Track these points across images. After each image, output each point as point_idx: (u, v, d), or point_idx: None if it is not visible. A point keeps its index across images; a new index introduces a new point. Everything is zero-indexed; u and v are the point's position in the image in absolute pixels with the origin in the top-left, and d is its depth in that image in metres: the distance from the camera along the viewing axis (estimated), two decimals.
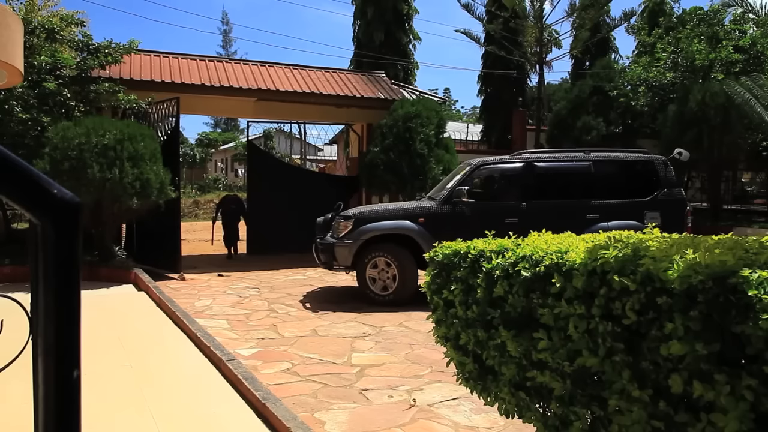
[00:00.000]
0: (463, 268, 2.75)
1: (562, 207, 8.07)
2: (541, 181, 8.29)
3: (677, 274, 1.75)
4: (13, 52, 2.58)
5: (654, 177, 8.15)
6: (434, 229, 7.75)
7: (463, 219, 7.97)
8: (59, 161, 8.43)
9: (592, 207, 8.02)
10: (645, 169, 8.27)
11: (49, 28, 10.10)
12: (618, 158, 8.57)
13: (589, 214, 7.91)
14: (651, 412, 1.87)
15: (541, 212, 7.90)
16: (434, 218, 8.00)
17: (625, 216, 7.85)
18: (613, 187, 8.19)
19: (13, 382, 1.61)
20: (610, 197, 8.10)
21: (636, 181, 8.26)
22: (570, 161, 8.53)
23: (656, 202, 8.01)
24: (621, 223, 7.36)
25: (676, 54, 16.89)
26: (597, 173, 8.24)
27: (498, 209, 8.11)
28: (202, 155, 42.90)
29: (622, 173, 8.41)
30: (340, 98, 13.45)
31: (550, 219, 7.47)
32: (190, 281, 9.54)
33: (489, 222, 7.70)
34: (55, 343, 0.75)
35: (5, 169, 0.72)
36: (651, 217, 7.76)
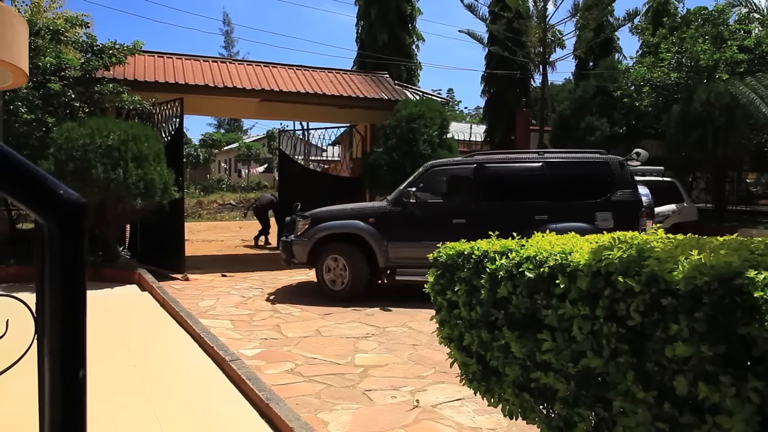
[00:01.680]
0: (467, 269, 2.75)
1: (510, 208, 8.06)
2: (492, 183, 8.32)
3: (682, 276, 1.74)
4: (18, 53, 2.59)
5: (609, 178, 8.00)
6: (384, 229, 8.16)
7: (412, 219, 8.18)
8: (64, 162, 8.46)
9: (541, 208, 7.96)
10: (599, 171, 8.14)
11: (53, 29, 10.13)
12: (571, 159, 8.48)
13: (537, 216, 7.85)
14: (656, 413, 1.86)
15: (489, 213, 7.87)
16: (383, 218, 8.29)
17: (574, 217, 7.77)
18: (565, 188, 8.09)
19: (17, 381, 1.61)
20: (561, 198, 8.03)
21: (590, 182, 8.10)
22: (521, 163, 8.54)
23: (608, 203, 7.87)
24: (569, 225, 7.19)
25: (681, 54, 16.85)
26: (549, 175, 8.18)
27: (446, 210, 8.23)
28: (205, 156, 42.95)
29: (575, 175, 8.26)
30: (343, 99, 13.45)
31: (498, 220, 7.57)
32: (193, 281, 9.55)
33: (437, 222, 8.09)
34: (61, 343, 0.76)
35: (11, 170, 0.72)
36: (602, 219, 7.73)
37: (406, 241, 8.14)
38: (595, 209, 7.84)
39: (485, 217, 7.71)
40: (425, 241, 7.63)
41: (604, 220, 7.68)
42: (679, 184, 13.14)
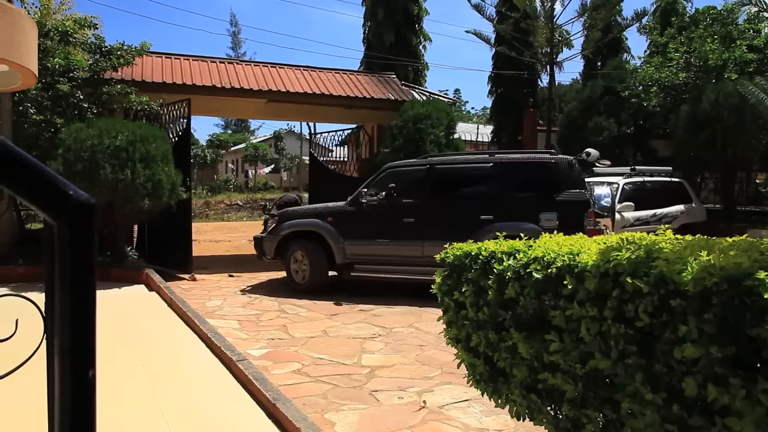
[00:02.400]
0: (474, 270, 2.75)
1: (457, 208, 8.25)
2: (441, 184, 8.48)
3: (691, 276, 1.73)
4: (27, 54, 2.60)
5: (556, 178, 7.97)
6: (341, 227, 8.66)
7: (366, 218, 8.57)
8: (72, 162, 8.50)
9: (486, 208, 8.02)
10: (547, 171, 8.13)
11: (62, 30, 10.19)
12: (519, 160, 8.55)
13: (482, 215, 7.95)
14: (664, 415, 1.85)
15: (436, 213, 8.23)
16: (341, 217, 8.76)
17: (519, 217, 7.80)
18: (512, 188, 8.15)
19: (26, 381, 1.62)
20: (507, 199, 8.08)
21: (537, 182, 8.11)
22: (471, 163, 8.70)
23: (553, 203, 7.82)
24: (512, 224, 7.37)
25: (689, 54, 16.76)
26: (497, 175, 8.28)
27: (398, 209, 8.46)
28: (212, 156, 43.09)
29: (523, 175, 8.30)
30: (350, 99, 13.46)
31: (444, 220, 8.10)
32: (201, 282, 9.58)
33: (389, 221, 8.42)
34: (71, 343, 0.76)
35: (22, 170, 0.73)
36: (546, 219, 7.68)
37: (361, 239, 8.57)
38: (539, 209, 7.81)
39: (432, 217, 8.19)
40: (378, 239, 8.56)
41: (548, 220, 7.61)
42: (688, 185, 13.07)
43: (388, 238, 8.47)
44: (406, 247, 8.33)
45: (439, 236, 7.57)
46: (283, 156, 42.78)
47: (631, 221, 11.15)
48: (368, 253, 8.53)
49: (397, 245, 8.41)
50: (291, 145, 43.56)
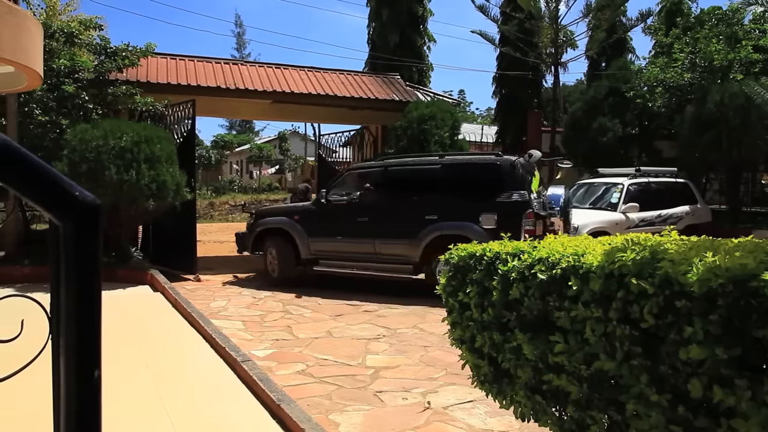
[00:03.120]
0: (479, 271, 2.74)
1: (405, 208, 8.56)
2: (394, 185, 8.84)
3: (696, 278, 1.73)
4: (33, 56, 2.61)
5: (499, 180, 8.08)
6: (305, 225, 9.26)
7: (327, 217, 9.17)
8: (77, 163, 8.53)
9: (432, 209, 8.27)
10: (491, 172, 8.25)
11: (68, 32, 10.23)
12: (465, 161, 8.72)
13: (427, 215, 8.23)
14: (670, 416, 1.85)
15: (387, 213, 8.66)
16: (305, 215, 9.41)
17: (461, 217, 8.04)
18: (457, 189, 8.29)
19: (31, 382, 1.63)
20: (451, 199, 8.26)
21: (481, 183, 8.20)
22: (421, 165, 8.98)
23: (494, 204, 7.93)
24: (454, 224, 7.94)
25: (694, 54, 16.70)
26: (443, 177, 8.46)
27: (353, 209, 8.96)
28: (217, 157, 43.16)
29: (467, 176, 8.42)
30: (354, 100, 13.47)
31: (393, 219, 8.59)
32: (205, 282, 9.60)
33: (345, 220, 8.97)
34: (76, 343, 0.76)
35: (28, 171, 0.73)
36: (486, 219, 7.86)
37: (323, 236, 9.13)
38: (480, 210, 7.95)
39: (383, 216, 8.65)
40: (338, 236, 9.04)
41: (488, 221, 7.83)
42: (693, 186, 13.03)
43: (346, 236, 8.97)
44: (362, 245, 8.79)
45: (388, 234, 8.61)
46: (287, 157, 42.80)
47: (635, 222, 11.13)
48: (329, 249, 9.10)
49: (353, 242, 8.88)
50: (295, 146, 43.57)
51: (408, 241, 8.36)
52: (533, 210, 7.77)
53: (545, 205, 8.24)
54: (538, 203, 8.05)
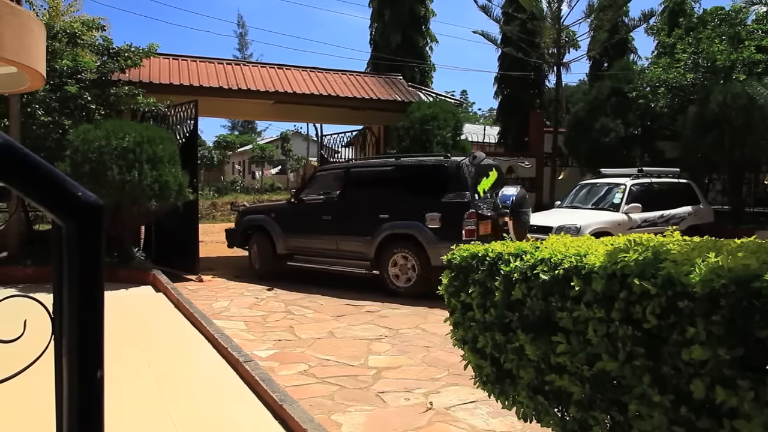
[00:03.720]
0: (481, 271, 2.74)
1: (363, 207, 8.98)
2: (353, 185, 9.35)
3: (699, 278, 1.72)
4: (35, 56, 2.62)
5: (445, 180, 8.36)
6: (280, 222, 9.81)
7: (298, 215, 9.73)
8: (80, 164, 8.54)
9: (385, 208, 8.67)
10: (438, 174, 8.52)
11: (70, 32, 10.25)
12: (415, 163, 9.04)
13: (381, 214, 8.63)
14: (672, 417, 1.84)
15: (346, 211, 9.12)
16: (280, 213, 10.02)
17: (410, 217, 8.37)
18: (409, 189, 8.67)
19: (34, 382, 1.63)
20: (402, 199, 8.64)
21: (429, 184, 8.51)
22: (377, 167, 9.52)
23: (438, 204, 8.19)
24: (402, 223, 8.38)
25: (697, 55, 16.67)
26: (396, 177, 8.88)
27: (319, 208, 9.51)
28: (219, 157, 43.16)
29: (418, 177, 8.74)
30: (356, 100, 13.47)
31: (352, 217, 9.03)
32: (207, 283, 9.61)
33: (312, 218, 9.51)
34: (79, 344, 0.76)
35: (31, 171, 0.73)
36: (430, 218, 8.16)
37: (295, 233, 9.67)
38: (426, 209, 8.23)
39: (343, 215, 9.12)
40: (307, 234, 9.58)
41: (432, 220, 8.14)
42: (695, 186, 13.01)
43: (314, 233, 9.47)
44: (327, 241, 9.29)
45: (349, 232, 9.05)
46: (289, 157, 42.83)
47: (638, 222, 11.11)
48: (300, 245, 9.63)
49: (320, 239, 9.38)
50: (298, 146, 43.59)
51: (364, 239, 8.76)
52: (475, 210, 7.98)
53: (496, 206, 8.35)
54: (487, 204, 8.30)
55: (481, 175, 8.53)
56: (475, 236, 7.79)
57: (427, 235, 8.14)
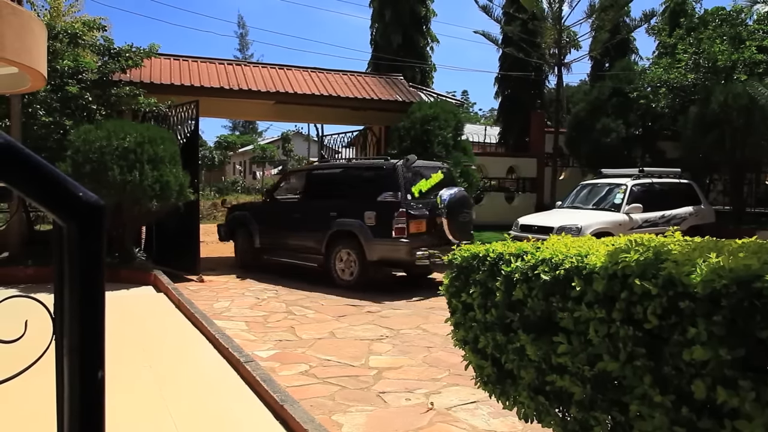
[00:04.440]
0: (482, 272, 2.74)
1: (318, 206, 9.69)
2: (313, 186, 10.20)
3: (700, 278, 1.72)
4: (37, 56, 2.62)
5: (382, 182, 8.96)
6: (256, 218, 10.76)
7: (269, 212, 10.71)
8: (81, 164, 8.54)
9: (334, 207, 9.35)
10: (377, 175, 9.14)
11: (71, 33, 10.25)
12: (359, 165, 9.99)
13: (331, 213, 9.28)
14: (673, 417, 1.84)
15: (306, 210, 9.89)
16: (255, 210, 11.11)
17: (352, 215, 8.98)
18: (354, 190, 9.34)
19: (35, 382, 1.63)
20: (348, 199, 9.31)
21: (370, 185, 9.12)
22: (332, 169, 10.49)
23: (375, 203, 8.82)
24: (346, 221, 9.01)
25: (698, 55, 16.66)
26: (347, 178, 9.67)
27: (286, 206, 10.48)
28: (220, 158, 43.18)
29: (362, 178, 9.42)
30: (357, 101, 13.48)
31: (310, 215, 9.76)
32: (208, 283, 9.61)
33: (280, 215, 10.39)
34: (80, 344, 0.76)
35: (32, 172, 0.73)
36: (368, 217, 8.77)
37: (267, 229, 10.52)
38: (364, 208, 8.85)
39: (304, 213, 9.88)
40: (275, 229, 10.38)
41: (369, 218, 8.75)
42: (696, 186, 13.01)
43: (282, 229, 10.26)
44: (291, 237, 10.04)
45: (307, 229, 9.74)
46: (290, 157, 42.84)
47: (639, 223, 11.11)
48: (272, 240, 10.44)
49: (286, 235, 10.13)
50: (298, 146, 43.62)
51: (317, 236, 9.44)
52: (405, 209, 8.53)
53: (434, 206, 8.85)
54: (422, 204, 8.84)
55: (420, 177, 9.11)
56: (404, 234, 8.45)
57: (364, 232, 8.75)
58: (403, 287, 9.15)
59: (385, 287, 8.78)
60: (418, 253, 8.44)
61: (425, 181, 9.11)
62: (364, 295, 8.49)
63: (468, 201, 9.39)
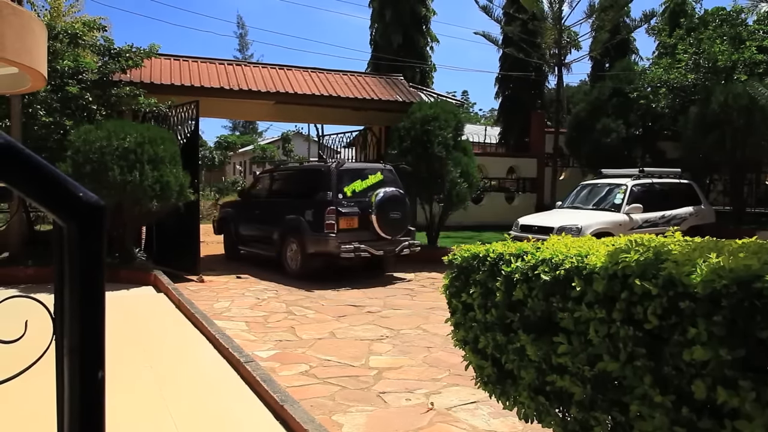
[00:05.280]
0: (482, 272, 2.74)
1: (275, 204, 10.99)
2: (274, 185, 11.74)
3: (700, 279, 1.72)
4: (37, 57, 2.62)
5: (320, 182, 9.92)
6: (234, 214, 12.24)
7: (243, 209, 12.05)
8: (81, 164, 8.54)
9: (285, 205, 10.51)
10: (316, 176, 10.16)
11: (72, 33, 10.24)
12: (306, 168, 11.69)
13: (283, 210, 10.42)
14: (673, 418, 1.84)
15: (268, 207, 11.19)
16: (235, 208, 12.60)
17: (297, 212, 10.03)
18: (302, 190, 10.45)
19: (35, 382, 1.63)
20: (296, 197, 10.48)
21: (311, 184, 10.17)
22: (286, 170, 12.22)
23: (312, 201, 9.85)
24: (292, 217, 10.09)
25: (698, 55, 16.66)
26: (297, 180, 11.11)
27: (254, 204, 11.77)
28: (220, 158, 43.17)
29: (306, 178, 10.67)
30: (358, 101, 13.48)
31: (270, 212, 10.95)
32: (208, 283, 9.61)
33: (251, 212, 11.69)
34: (80, 344, 0.76)
35: (32, 172, 0.73)
36: (307, 213, 9.83)
37: (240, 223, 11.87)
38: (305, 207, 9.92)
39: (266, 210, 11.14)
40: (245, 224, 11.72)
41: (308, 215, 9.79)
42: (697, 186, 13.01)
43: (251, 224, 11.53)
44: (257, 231, 11.27)
45: (267, 224, 10.88)
46: (290, 158, 42.84)
47: (639, 223, 11.11)
48: (244, 234, 11.74)
49: (253, 229, 11.41)
50: (299, 146, 43.61)
51: (273, 230, 10.54)
52: (335, 207, 9.51)
53: (367, 204, 9.74)
54: (353, 202, 9.73)
55: (355, 177, 9.96)
56: (334, 229, 9.39)
57: (304, 228, 9.78)
58: (403, 288, 9.18)
59: (383, 288, 8.77)
60: (343, 247, 9.30)
61: (361, 181, 9.93)
62: (366, 295, 8.49)
63: (399, 200, 10.03)
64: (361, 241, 9.45)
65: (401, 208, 10.00)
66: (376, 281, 9.79)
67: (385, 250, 9.78)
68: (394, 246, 9.89)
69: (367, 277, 10.08)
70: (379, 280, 9.88)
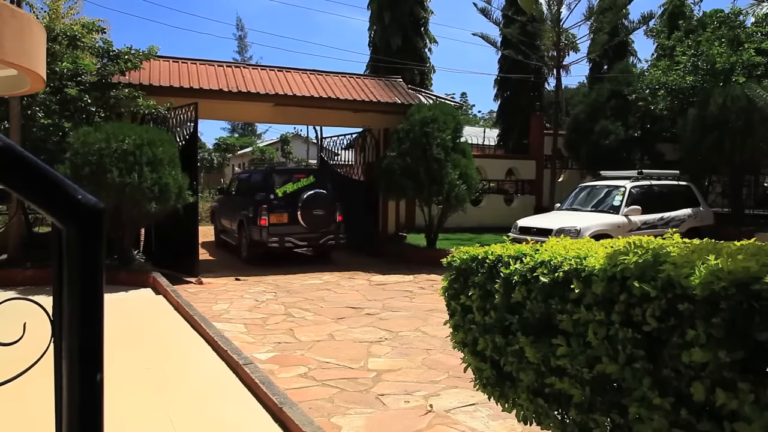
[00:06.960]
0: (481, 274, 2.74)
1: (238, 201, 12.89)
2: (239, 185, 13.76)
3: (699, 281, 1.72)
4: (36, 59, 2.62)
5: (263, 183, 11.95)
6: (219, 210, 14.75)
7: (226, 205, 14.14)
8: (80, 166, 8.53)
9: (242, 202, 12.35)
10: (263, 178, 12.22)
11: (71, 35, 10.24)
12: (256, 171, 14.05)
13: (240, 206, 12.30)
14: (672, 420, 1.84)
15: (234, 203, 13.08)
16: (218, 203, 15.20)
17: (246, 209, 11.82)
18: (253, 189, 12.23)
19: (34, 385, 1.62)
20: (250, 196, 12.00)
21: (258, 184, 12.20)
22: (247, 173, 14.87)
23: (253, 200, 11.65)
24: (242, 213, 12.01)
25: (697, 57, 16.69)
26: (252, 181, 13.01)
27: (228, 200, 14.08)
28: (219, 160, 43.18)
29: (257, 180, 12.55)
30: (356, 103, 13.47)
31: (234, 207, 12.79)
32: (207, 285, 9.60)
33: (225, 207, 14.26)
34: (79, 347, 0.76)
35: (31, 174, 0.73)
36: (250, 210, 11.63)
37: (221, 216, 14.32)
38: (250, 204, 11.71)
39: (233, 205, 13.12)
40: (223, 217, 14.08)
41: (251, 211, 11.55)
42: (695, 188, 13.02)
43: (225, 217, 13.85)
44: (228, 223, 13.46)
45: (232, 217, 12.96)
46: (289, 159, 42.85)
47: (638, 225, 11.11)
48: (221, 225, 14.15)
49: (226, 222, 13.70)
50: (297, 148, 43.65)
51: (234, 222, 12.73)
52: (267, 205, 11.33)
53: (296, 203, 11.46)
54: (284, 201, 11.47)
55: (288, 180, 11.77)
56: (266, 223, 11.20)
57: (249, 221, 11.64)
58: (403, 289, 9.18)
59: (383, 289, 8.76)
60: (270, 238, 11.23)
61: (292, 184, 11.73)
62: (366, 294, 8.49)
63: (322, 200, 11.69)
64: (289, 234, 11.37)
65: (324, 207, 11.70)
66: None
67: (309, 241, 11.67)
68: (318, 238, 11.65)
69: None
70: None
